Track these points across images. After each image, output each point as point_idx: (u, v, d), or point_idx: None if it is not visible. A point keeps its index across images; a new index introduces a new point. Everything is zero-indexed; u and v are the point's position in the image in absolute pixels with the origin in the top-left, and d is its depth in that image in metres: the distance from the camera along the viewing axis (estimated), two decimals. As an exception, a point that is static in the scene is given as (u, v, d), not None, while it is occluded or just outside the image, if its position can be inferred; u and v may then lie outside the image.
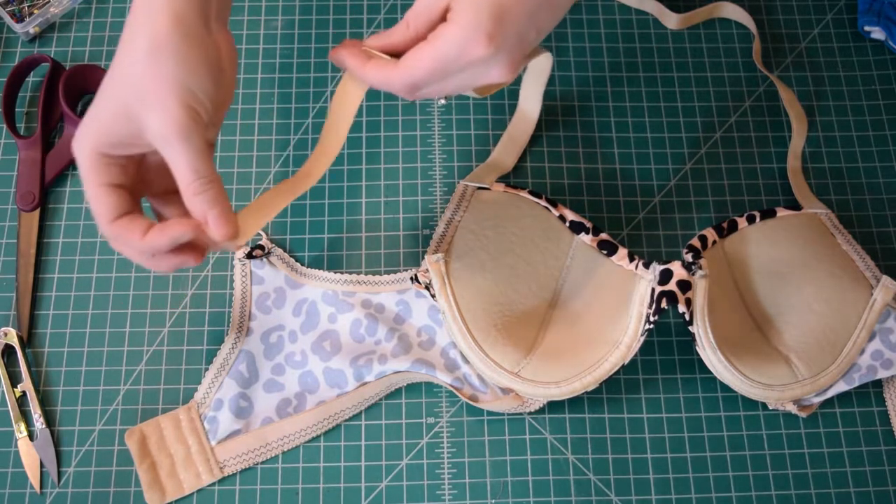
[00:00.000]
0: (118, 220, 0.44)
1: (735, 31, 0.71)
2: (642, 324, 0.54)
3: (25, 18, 0.68)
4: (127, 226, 0.44)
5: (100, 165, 0.43)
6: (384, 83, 0.45)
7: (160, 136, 0.42)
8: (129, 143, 0.43)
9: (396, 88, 0.45)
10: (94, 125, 0.43)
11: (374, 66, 0.45)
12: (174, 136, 0.42)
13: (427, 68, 0.43)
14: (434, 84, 0.45)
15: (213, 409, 0.57)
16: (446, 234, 0.59)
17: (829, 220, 0.62)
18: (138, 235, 0.43)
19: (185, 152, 0.42)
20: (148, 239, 0.43)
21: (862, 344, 0.57)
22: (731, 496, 0.57)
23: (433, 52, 0.43)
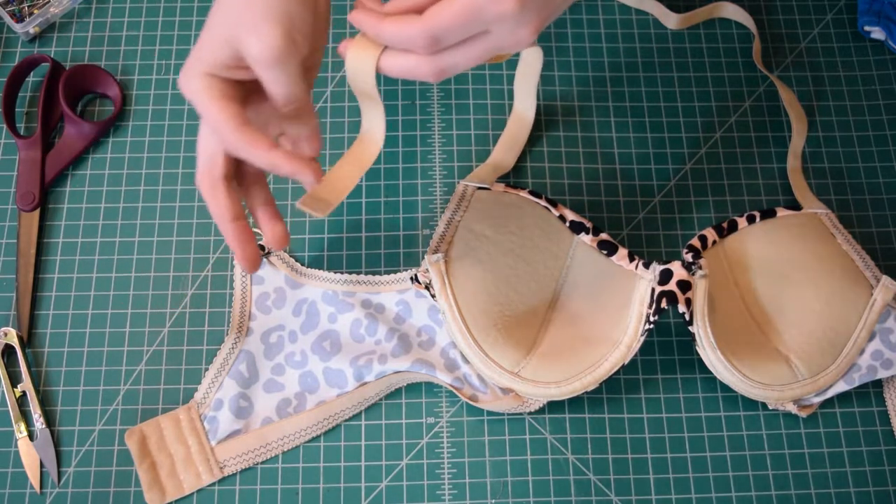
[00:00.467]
0: (242, 126, 0.44)
1: (735, 31, 0.71)
2: (642, 324, 0.54)
3: (25, 18, 0.68)
4: (255, 133, 0.44)
5: (213, 83, 0.44)
6: (404, 38, 0.42)
7: (257, 61, 0.43)
8: (234, 67, 0.44)
9: (417, 43, 0.41)
10: (199, 54, 0.44)
11: (392, 21, 0.42)
12: (270, 60, 0.42)
13: (452, 16, 0.40)
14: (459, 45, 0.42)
15: (213, 409, 0.57)
16: (446, 234, 0.59)
17: (829, 220, 0.62)
18: (265, 144, 0.44)
19: (281, 76, 0.43)
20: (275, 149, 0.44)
21: (862, 344, 0.57)
22: (731, 496, 0.57)
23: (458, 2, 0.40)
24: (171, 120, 0.66)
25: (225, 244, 0.62)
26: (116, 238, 0.63)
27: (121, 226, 0.63)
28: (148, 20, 0.69)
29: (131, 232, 0.63)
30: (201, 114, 0.44)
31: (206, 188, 0.47)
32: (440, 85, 0.68)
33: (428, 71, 0.43)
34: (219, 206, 0.47)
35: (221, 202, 0.47)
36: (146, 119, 0.66)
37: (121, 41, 0.69)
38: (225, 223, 0.47)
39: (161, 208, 0.63)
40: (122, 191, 0.64)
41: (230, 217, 0.47)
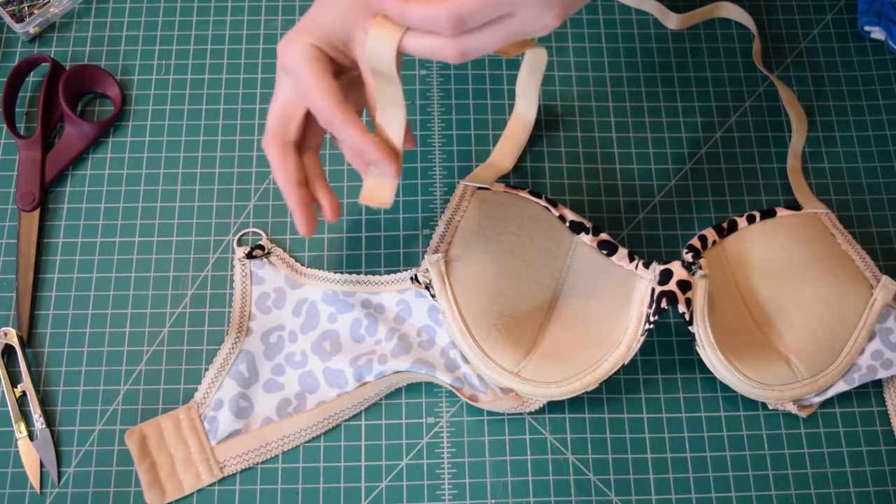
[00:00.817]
0: (346, 105, 0.46)
1: (735, 31, 0.71)
2: (642, 324, 0.54)
3: (25, 18, 0.68)
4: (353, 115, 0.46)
5: (319, 55, 0.46)
6: (429, 20, 0.41)
7: None
8: (337, 48, 0.46)
9: (442, 25, 0.41)
10: (313, 23, 0.46)
11: (417, 3, 0.42)
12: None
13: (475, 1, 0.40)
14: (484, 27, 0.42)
15: (213, 409, 0.57)
16: (446, 234, 0.59)
17: (829, 220, 0.62)
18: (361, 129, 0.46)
19: None
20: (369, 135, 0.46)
21: (862, 344, 0.57)
22: (730, 496, 0.57)
23: None
24: (171, 120, 0.66)
25: (225, 244, 0.62)
26: (116, 238, 0.63)
27: (121, 226, 0.63)
28: (148, 20, 0.69)
29: (131, 232, 0.63)
30: (302, 82, 0.46)
31: (275, 150, 0.48)
32: (440, 85, 0.68)
33: (451, 53, 0.43)
34: (287, 171, 0.49)
35: (291, 166, 0.49)
36: (146, 119, 0.66)
37: (121, 41, 0.69)
38: (292, 187, 0.49)
39: (161, 208, 0.63)
40: (122, 191, 0.64)
41: (297, 181, 0.49)
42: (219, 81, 0.67)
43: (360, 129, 0.46)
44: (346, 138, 0.46)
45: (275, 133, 0.49)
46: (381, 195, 0.49)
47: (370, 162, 0.48)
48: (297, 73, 0.46)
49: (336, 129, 0.46)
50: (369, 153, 0.47)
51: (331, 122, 0.46)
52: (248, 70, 0.68)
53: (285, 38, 0.47)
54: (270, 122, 0.49)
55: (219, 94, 0.67)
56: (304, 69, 0.46)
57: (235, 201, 0.64)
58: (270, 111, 0.49)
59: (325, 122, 0.46)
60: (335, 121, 0.46)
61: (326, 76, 0.46)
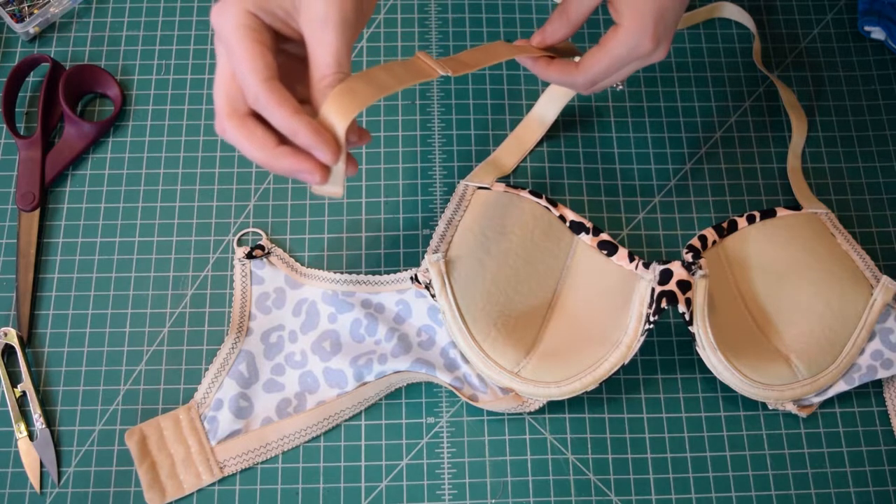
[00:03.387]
0: (272, 80, 0.41)
1: (735, 31, 0.71)
2: (642, 324, 0.54)
3: (25, 18, 0.68)
4: (283, 91, 0.41)
5: (253, 23, 0.41)
6: (568, 82, 0.53)
7: (320, 18, 0.41)
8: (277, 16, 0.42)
9: (579, 86, 0.53)
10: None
11: (557, 69, 0.53)
12: (334, 21, 0.42)
13: (604, 68, 0.51)
14: (609, 78, 0.52)
15: (213, 409, 0.57)
16: (446, 234, 0.59)
17: (828, 220, 0.62)
18: (291, 108, 0.41)
19: (338, 40, 0.42)
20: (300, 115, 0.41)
21: (862, 344, 0.57)
22: (731, 496, 0.57)
23: (608, 56, 0.50)
24: (171, 120, 0.66)
25: (225, 244, 0.62)
26: (116, 238, 0.63)
27: (121, 226, 0.63)
28: (148, 20, 0.69)
29: (131, 232, 0.63)
30: (231, 52, 0.41)
31: (234, 128, 0.42)
32: (440, 85, 0.68)
33: (583, 93, 0.55)
34: (257, 139, 0.42)
35: (259, 133, 0.42)
36: (146, 119, 0.66)
37: (121, 41, 0.69)
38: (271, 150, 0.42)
39: (161, 208, 0.63)
40: (122, 191, 0.64)
41: (274, 143, 0.42)
42: (219, 81, 0.67)
43: (289, 109, 0.40)
44: (273, 118, 0.41)
45: (226, 112, 0.42)
46: (329, 186, 0.44)
47: (304, 147, 0.42)
48: (226, 41, 0.41)
49: (262, 107, 0.41)
50: (301, 136, 0.41)
51: (256, 100, 0.41)
52: (248, 70, 0.68)
53: (219, 3, 0.42)
54: (217, 103, 0.43)
55: (219, 94, 0.67)
56: (232, 37, 0.41)
57: (235, 201, 0.64)
58: (214, 89, 0.43)
59: (251, 99, 0.41)
60: (260, 97, 0.40)
61: (256, 46, 0.41)
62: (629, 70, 0.52)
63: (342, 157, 0.43)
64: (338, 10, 0.42)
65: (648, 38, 0.49)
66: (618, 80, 0.54)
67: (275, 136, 0.42)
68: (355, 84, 0.42)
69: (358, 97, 0.42)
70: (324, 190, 0.44)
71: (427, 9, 0.71)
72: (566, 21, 0.52)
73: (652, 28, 0.49)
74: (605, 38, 0.50)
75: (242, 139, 0.42)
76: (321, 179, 0.42)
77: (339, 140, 0.42)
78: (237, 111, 0.42)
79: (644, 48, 0.49)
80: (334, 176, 0.44)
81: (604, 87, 0.54)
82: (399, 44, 0.69)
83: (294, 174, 0.42)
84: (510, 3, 0.71)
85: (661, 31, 0.49)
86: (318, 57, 0.42)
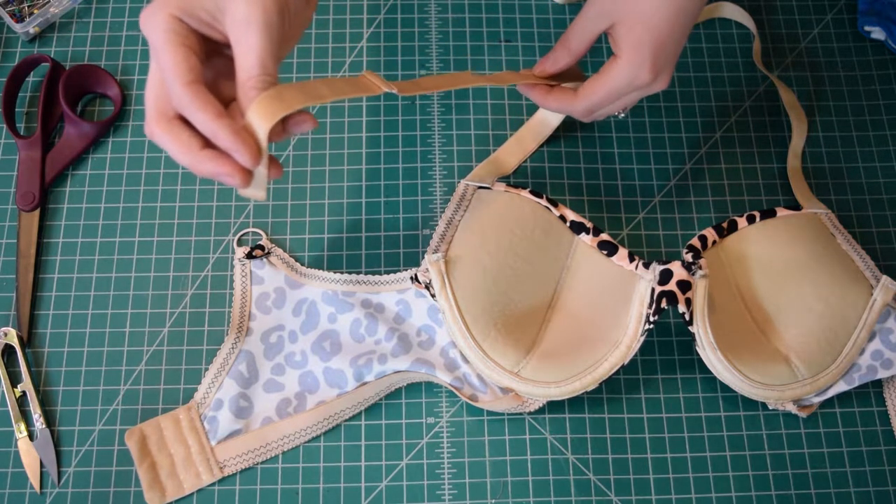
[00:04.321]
0: (195, 83, 0.41)
1: (735, 31, 0.71)
2: (642, 324, 0.54)
3: (25, 18, 0.68)
4: (205, 94, 0.41)
5: (178, 27, 0.42)
6: (566, 110, 0.55)
7: (242, 20, 0.42)
8: (203, 20, 0.43)
9: (577, 114, 0.55)
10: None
11: (555, 98, 0.55)
12: (257, 22, 0.42)
13: (601, 98, 0.52)
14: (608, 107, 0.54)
15: (213, 409, 0.57)
16: (446, 233, 0.59)
17: (829, 220, 0.62)
18: (213, 111, 0.41)
19: (261, 42, 0.42)
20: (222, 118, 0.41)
21: (862, 344, 0.57)
22: (731, 496, 0.57)
23: (606, 85, 0.51)
24: (171, 120, 0.66)
25: (225, 244, 0.62)
26: (116, 238, 0.63)
27: (121, 226, 0.63)
28: (148, 20, 0.69)
29: (131, 232, 0.63)
30: (157, 56, 0.42)
31: (162, 131, 0.43)
32: (440, 85, 0.68)
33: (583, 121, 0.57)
34: (182, 142, 0.42)
35: (184, 137, 0.42)
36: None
37: (121, 41, 0.69)
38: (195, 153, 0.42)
39: (161, 208, 0.63)
40: (122, 191, 0.64)
41: (199, 146, 0.43)
42: (219, 81, 0.67)
43: (210, 112, 0.41)
44: (195, 121, 0.42)
45: (155, 116, 0.43)
46: (252, 189, 0.44)
47: (225, 149, 0.42)
48: (153, 45, 0.42)
49: (184, 109, 0.42)
50: (221, 139, 0.41)
51: (180, 103, 0.41)
52: (248, 70, 0.68)
53: (147, 9, 0.42)
54: (147, 105, 0.43)
55: (219, 94, 0.67)
56: (158, 42, 0.42)
57: (235, 201, 0.64)
58: (145, 92, 0.44)
59: (175, 101, 0.42)
60: (183, 100, 0.41)
61: (180, 50, 0.41)
62: (630, 100, 0.53)
63: (264, 160, 0.43)
64: (261, 11, 0.42)
65: (647, 69, 0.50)
66: (619, 109, 0.55)
67: (200, 140, 0.43)
68: (285, 91, 0.43)
69: (284, 102, 0.42)
70: (247, 193, 0.44)
71: (427, 9, 0.71)
72: (567, 51, 0.54)
73: (650, 60, 0.50)
74: (604, 68, 0.52)
75: (168, 142, 0.43)
76: (242, 182, 0.43)
77: (261, 143, 0.42)
78: (164, 114, 0.43)
79: (642, 79, 0.50)
80: (257, 179, 0.44)
81: (604, 115, 0.55)
82: (399, 44, 0.69)
83: (216, 177, 0.43)
84: (510, 3, 0.71)
85: (661, 62, 0.50)
86: (243, 59, 0.42)
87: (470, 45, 0.69)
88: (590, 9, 0.52)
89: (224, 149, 0.42)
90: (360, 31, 0.70)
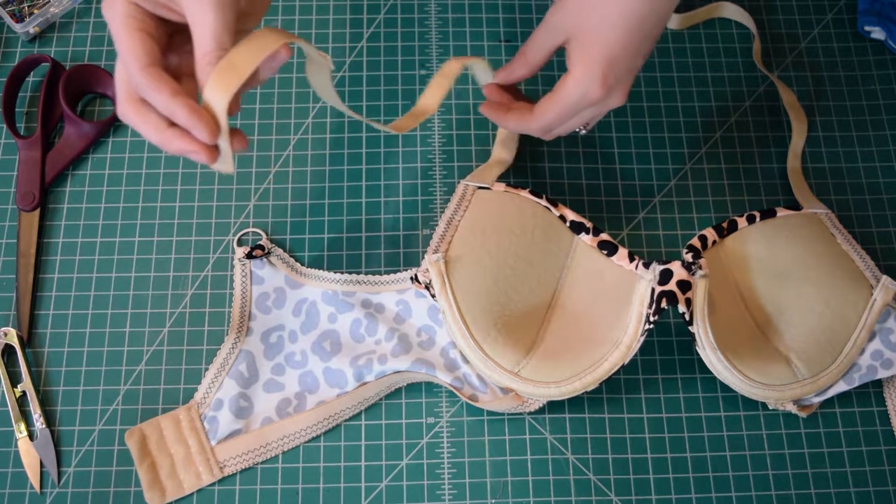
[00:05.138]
0: (153, 66, 0.43)
1: (735, 31, 0.71)
2: (642, 324, 0.54)
3: (25, 18, 0.68)
4: (161, 76, 0.43)
5: (135, 12, 0.44)
6: (524, 129, 0.54)
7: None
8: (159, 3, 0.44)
9: (534, 132, 0.54)
10: None
11: (513, 117, 0.55)
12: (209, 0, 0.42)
13: (555, 115, 0.52)
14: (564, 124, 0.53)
15: (213, 409, 0.57)
16: (446, 234, 0.59)
17: (829, 220, 0.62)
18: (168, 91, 0.42)
19: (215, 19, 0.43)
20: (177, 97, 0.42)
21: (862, 344, 0.57)
22: (731, 496, 0.57)
23: (559, 102, 0.51)
24: (171, 120, 0.66)
25: (225, 244, 0.62)
26: (116, 238, 0.63)
27: (121, 226, 0.63)
28: (148, 20, 0.69)
29: (131, 232, 0.63)
30: (116, 42, 0.43)
31: (132, 112, 0.44)
32: (440, 85, 0.68)
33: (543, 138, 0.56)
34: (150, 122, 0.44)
35: (152, 117, 0.44)
36: (146, 119, 0.66)
37: (121, 41, 0.69)
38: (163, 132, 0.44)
39: (161, 208, 0.63)
40: (122, 191, 0.64)
41: (166, 125, 0.44)
42: (219, 81, 0.67)
43: (166, 93, 0.42)
44: (154, 102, 0.43)
45: (124, 98, 0.45)
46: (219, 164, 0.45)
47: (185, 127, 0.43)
48: (112, 32, 0.44)
49: (143, 91, 0.43)
50: (179, 117, 0.43)
51: (138, 85, 0.43)
52: (248, 70, 0.68)
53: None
54: (118, 89, 0.45)
55: (219, 94, 0.67)
56: (115, 28, 0.43)
57: (235, 201, 0.64)
58: (115, 76, 0.45)
59: (135, 84, 0.43)
60: (140, 83, 0.43)
61: (137, 35, 0.43)
62: (587, 116, 0.52)
63: (224, 134, 0.44)
64: None
65: (597, 85, 0.49)
66: (579, 126, 0.54)
67: (167, 119, 0.44)
68: (236, 56, 0.43)
69: (237, 69, 0.43)
70: (216, 167, 0.46)
71: (427, 9, 0.71)
72: (524, 62, 0.54)
73: (601, 76, 0.49)
74: (556, 85, 0.51)
75: (138, 122, 0.44)
76: (207, 158, 0.44)
77: (219, 118, 0.43)
78: (133, 96, 0.44)
79: (594, 95, 0.49)
80: (223, 154, 0.45)
81: (565, 131, 0.54)
82: (399, 44, 0.69)
83: (184, 154, 0.44)
84: (510, 3, 0.71)
85: (612, 78, 0.49)
86: (198, 36, 0.43)
87: (470, 45, 0.69)
88: (547, 21, 0.51)
89: (183, 126, 0.43)
90: (360, 31, 0.70)
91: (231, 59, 0.43)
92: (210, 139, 0.43)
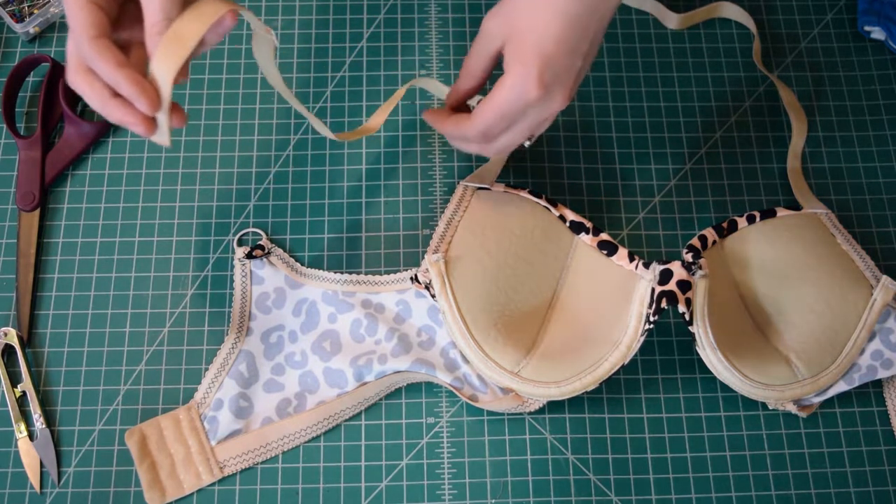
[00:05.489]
0: (100, 38, 0.44)
1: (735, 31, 0.71)
2: (642, 324, 0.54)
3: (25, 18, 0.68)
4: (107, 47, 0.44)
5: None
6: (461, 135, 0.53)
7: None
8: None
9: (472, 137, 0.52)
10: None
11: (451, 122, 0.53)
12: None
13: (492, 116, 0.49)
14: (506, 130, 0.51)
15: (213, 409, 0.57)
16: (446, 234, 0.59)
17: (829, 220, 0.62)
18: (114, 62, 0.44)
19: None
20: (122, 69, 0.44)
21: (862, 344, 0.57)
22: (731, 496, 0.57)
23: (495, 104, 0.49)
24: (171, 120, 0.66)
25: (225, 244, 0.62)
26: (116, 238, 0.63)
27: (121, 226, 0.63)
28: (148, 20, 0.69)
29: (131, 232, 0.63)
30: (67, 12, 0.44)
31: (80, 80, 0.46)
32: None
33: (489, 154, 0.54)
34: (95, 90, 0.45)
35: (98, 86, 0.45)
36: (146, 119, 0.66)
37: (121, 41, 0.69)
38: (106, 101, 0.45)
39: (161, 208, 0.63)
40: (122, 191, 0.64)
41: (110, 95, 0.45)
42: (219, 81, 0.67)
43: (112, 63, 0.44)
44: (100, 72, 0.44)
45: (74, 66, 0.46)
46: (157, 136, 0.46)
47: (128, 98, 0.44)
48: (63, 2, 0.45)
49: (90, 62, 0.44)
50: (122, 88, 0.44)
51: (86, 56, 0.44)
52: (248, 70, 0.68)
53: None
54: (68, 59, 0.46)
55: (219, 94, 0.67)
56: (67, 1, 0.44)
57: (235, 201, 0.64)
58: (67, 45, 0.46)
59: (83, 55, 0.45)
60: (88, 53, 0.44)
61: (86, 6, 0.44)
62: (531, 122, 0.50)
63: (165, 107, 0.44)
64: None
65: (532, 84, 0.47)
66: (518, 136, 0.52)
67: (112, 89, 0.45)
68: (182, 26, 0.44)
69: (183, 40, 0.44)
70: (154, 139, 0.46)
71: (427, 9, 0.71)
72: (467, 73, 0.53)
73: (535, 75, 0.47)
74: (493, 87, 0.50)
75: (86, 88, 0.45)
76: (145, 131, 0.46)
77: (162, 91, 0.44)
78: (82, 66, 0.45)
79: (531, 94, 0.48)
80: (160, 127, 0.45)
81: (509, 143, 0.52)
82: (399, 44, 0.69)
83: (124, 124, 0.46)
84: (510, 3, 0.71)
85: (549, 76, 0.48)
86: (146, 8, 0.44)
87: (470, 46, 0.69)
88: (483, 28, 0.50)
89: (127, 97, 0.44)
90: (360, 31, 0.70)
91: (176, 30, 0.44)
92: (150, 111, 0.44)
